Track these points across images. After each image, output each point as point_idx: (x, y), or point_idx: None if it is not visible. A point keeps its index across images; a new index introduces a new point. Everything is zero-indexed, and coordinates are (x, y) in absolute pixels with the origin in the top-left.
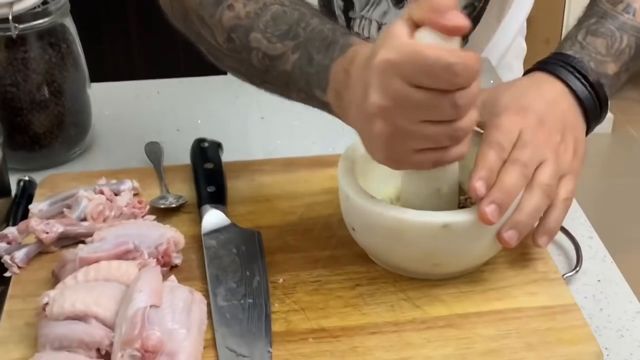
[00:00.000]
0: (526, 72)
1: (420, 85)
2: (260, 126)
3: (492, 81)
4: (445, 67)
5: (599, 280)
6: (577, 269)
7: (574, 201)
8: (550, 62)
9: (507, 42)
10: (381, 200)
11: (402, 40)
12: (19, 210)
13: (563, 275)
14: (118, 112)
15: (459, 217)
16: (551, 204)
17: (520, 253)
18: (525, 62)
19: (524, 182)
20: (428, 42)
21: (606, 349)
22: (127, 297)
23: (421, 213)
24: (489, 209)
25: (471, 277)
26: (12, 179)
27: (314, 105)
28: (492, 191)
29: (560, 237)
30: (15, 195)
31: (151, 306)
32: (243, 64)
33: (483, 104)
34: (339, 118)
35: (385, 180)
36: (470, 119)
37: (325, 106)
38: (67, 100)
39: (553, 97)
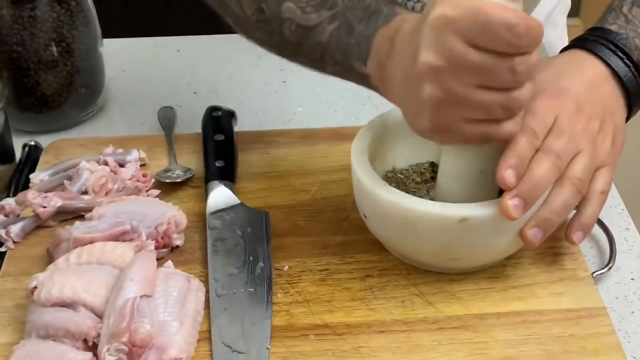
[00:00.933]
0: (563, 50)
1: (478, 45)
2: (281, 91)
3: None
4: (508, 27)
5: (632, 279)
6: (610, 265)
7: (613, 188)
8: (590, 40)
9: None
10: (394, 188)
11: None
12: (21, 177)
13: (593, 272)
14: (136, 70)
15: (478, 211)
16: (586, 196)
17: (548, 247)
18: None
19: (556, 175)
20: (490, 0)
21: (634, 357)
22: (118, 286)
23: (438, 204)
24: (513, 202)
25: (492, 272)
26: (20, 141)
27: (350, 79)
28: (519, 183)
29: (594, 228)
30: (20, 160)
31: (142, 296)
32: (274, 36)
33: None
34: (378, 91)
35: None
36: (527, 91)
37: (364, 79)
38: (77, 60)
39: (593, 78)
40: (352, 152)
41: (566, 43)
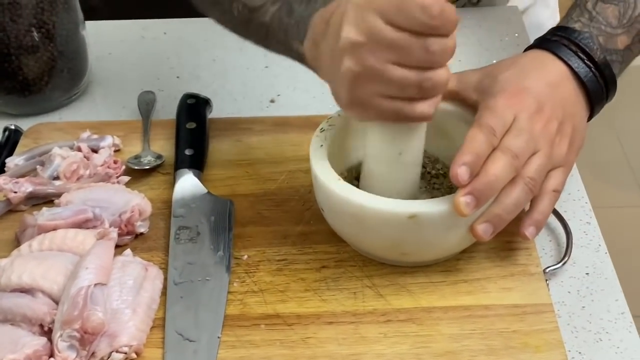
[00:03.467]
0: (527, 49)
1: (394, 23)
2: (262, 76)
3: (516, 34)
4: (422, 8)
5: (587, 273)
6: (565, 260)
7: (579, 180)
8: (552, 40)
9: None
10: (347, 184)
11: None
12: None
13: (548, 267)
14: (122, 53)
15: (428, 208)
16: (539, 194)
17: (504, 241)
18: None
19: (512, 175)
20: None
21: (580, 352)
22: (74, 274)
23: (387, 201)
24: (465, 200)
25: (445, 265)
26: (3, 124)
27: (290, 57)
28: (473, 181)
29: (554, 220)
30: (0, 144)
31: (97, 284)
32: (226, 15)
33: (480, 81)
34: (313, 70)
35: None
36: (441, 74)
37: (301, 58)
38: (58, 45)
39: (555, 79)
40: (311, 145)
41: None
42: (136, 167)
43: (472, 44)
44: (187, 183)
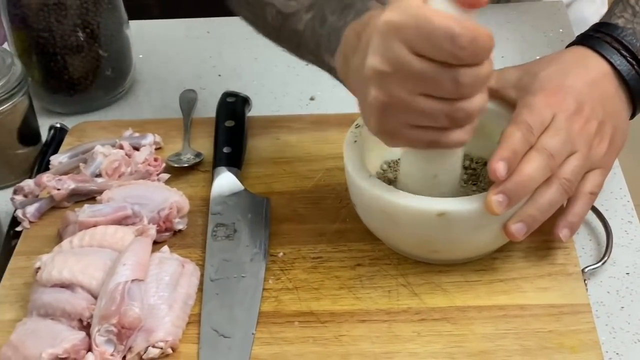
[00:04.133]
0: (569, 46)
1: (422, 53)
2: (303, 74)
3: (561, 30)
4: (451, 38)
5: (627, 273)
6: (605, 259)
7: (621, 178)
8: (594, 37)
9: None
10: (378, 180)
11: (411, 3)
12: (44, 159)
13: (587, 267)
14: (165, 52)
15: (457, 206)
16: (574, 195)
17: (542, 240)
18: None
19: (546, 175)
20: (439, 9)
21: (617, 353)
22: (112, 270)
23: (417, 199)
24: (497, 198)
25: (481, 264)
26: (49, 122)
27: (322, 68)
28: (506, 180)
29: (594, 219)
30: (46, 142)
31: (134, 280)
32: (258, 19)
33: (519, 79)
34: (344, 85)
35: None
36: (476, 102)
37: (332, 70)
38: (103, 45)
39: (596, 77)
40: (345, 141)
41: None
42: (175, 165)
43: (516, 39)
44: (225, 181)
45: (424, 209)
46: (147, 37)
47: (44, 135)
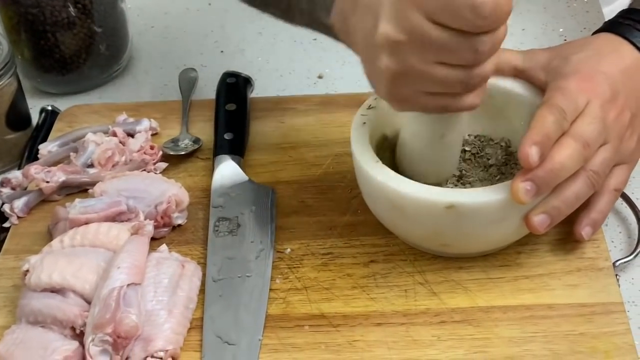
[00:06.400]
0: (596, 32)
1: (440, 22)
2: (310, 49)
3: (587, 11)
4: (472, 8)
5: None
6: (637, 251)
7: None
8: (624, 24)
9: None
10: (385, 167)
11: None
12: (34, 146)
13: (617, 260)
14: (165, 26)
15: (466, 198)
16: (599, 191)
17: (569, 232)
18: None
19: (579, 165)
20: None
21: None
22: (106, 273)
23: (424, 189)
24: (525, 186)
25: (504, 259)
26: (41, 103)
27: (317, 30)
28: (537, 167)
29: (624, 208)
30: (37, 126)
31: (130, 285)
32: None
33: (549, 61)
34: (343, 44)
35: None
36: (489, 66)
37: (328, 30)
38: (97, 20)
39: (630, 66)
40: (352, 124)
41: None
42: (172, 153)
43: (538, 11)
44: (227, 170)
45: (432, 200)
46: (144, 11)
47: (35, 118)
